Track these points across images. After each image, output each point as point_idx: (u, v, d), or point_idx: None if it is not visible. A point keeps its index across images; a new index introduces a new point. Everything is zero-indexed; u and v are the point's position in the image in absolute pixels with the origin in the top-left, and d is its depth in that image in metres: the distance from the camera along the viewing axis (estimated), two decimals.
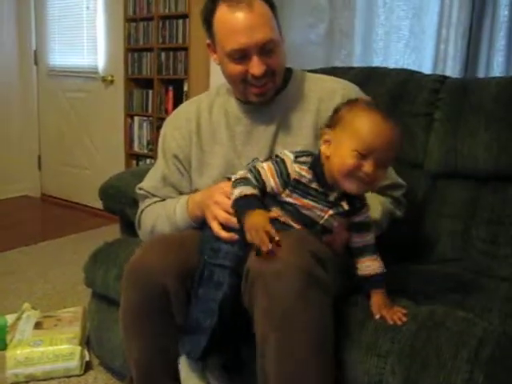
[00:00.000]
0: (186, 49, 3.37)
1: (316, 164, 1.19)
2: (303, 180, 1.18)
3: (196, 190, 1.48)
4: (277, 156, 1.24)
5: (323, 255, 1.13)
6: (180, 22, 3.37)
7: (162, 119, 3.58)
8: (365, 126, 1.13)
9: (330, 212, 1.20)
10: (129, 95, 3.79)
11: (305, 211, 1.20)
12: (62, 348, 1.84)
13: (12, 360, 1.80)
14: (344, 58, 2.70)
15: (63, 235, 3.55)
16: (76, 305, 2.30)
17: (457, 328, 1.09)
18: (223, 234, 1.22)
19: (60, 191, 4.55)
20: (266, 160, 1.27)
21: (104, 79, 4.02)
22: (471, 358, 1.02)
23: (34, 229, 3.91)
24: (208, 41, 1.44)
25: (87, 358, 1.89)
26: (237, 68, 1.34)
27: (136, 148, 3.82)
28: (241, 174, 1.23)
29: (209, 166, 1.48)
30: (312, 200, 1.19)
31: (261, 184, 1.19)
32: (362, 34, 2.70)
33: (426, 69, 2.47)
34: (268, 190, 1.20)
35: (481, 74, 2.35)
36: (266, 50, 1.31)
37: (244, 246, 1.16)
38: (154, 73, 3.58)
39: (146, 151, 3.77)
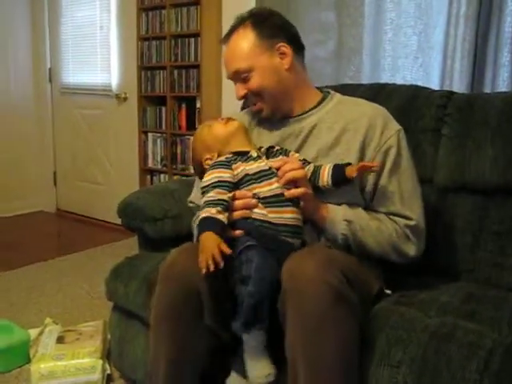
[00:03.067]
0: (197, 66, 3.45)
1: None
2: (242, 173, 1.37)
3: None
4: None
5: (351, 275, 1.19)
6: (192, 40, 3.46)
7: (176, 135, 3.67)
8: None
9: (264, 159, 1.40)
10: (142, 112, 3.87)
11: (264, 187, 1.35)
12: (83, 362, 1.90)
13: (36, 374, 1.86)
14: (353, 75, 2.74)
15: (79, 250, 3.62)
16: (95, 318, 2.36)
17: (467, 339, 1.13)
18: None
19: (75, 206, 4.63)
20: None
21: (118, 96, 4.11)
22: (480, 368, 1.06)
23: (50, 244, 3.99)
24: None
25: (108, 371, 1.94)
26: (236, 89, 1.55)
27: (150, 164, 3.89)
28: (205, 197, 1.33)
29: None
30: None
31: (225, 182, 1.34)
32: (370, 50, 2.74)
33: (434, 84, 2.50)
34: (232, 179, 1.36)
35: (487, 89, 2.38)
36: (242, 77, 1.50)
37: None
38: (166, 90, 3.66)
39: (159, 167, 3.84)
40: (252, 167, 1.37)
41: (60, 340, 2.01)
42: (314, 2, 2.89)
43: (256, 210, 1.33)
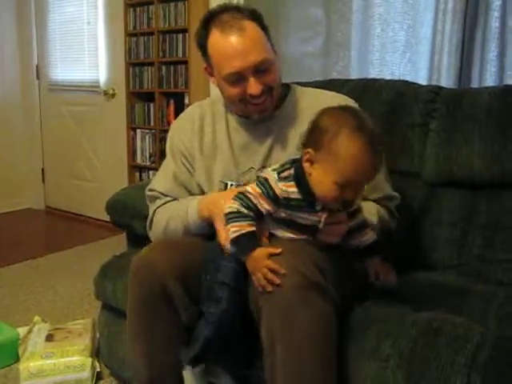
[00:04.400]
0: (185, 62, 3.44)
1: (299, 176, 1.20)
2: (292, 196, 1.20)
3: (203, 193, 1.54)
4: (258, 176, 1.27)
5: (323, 264, 1.18)
6: (180, 36, 3.44)
7: (165, 131, 3.65)
8: (349, 160, 1.11)
9: (325, 215, 1.22)
10: (131, 108, 3.85)
11: (301, 221, 1.23)
12: (73, 359, 1.89)
13: (25, 372, 1.85)
14: (341, 70, 2.75)
15: (69, 247, 3.60)
16: (84, 316, 2.36)
17: (455, 333, 1.13)
18: (228, 246, 1.26)
19: (64, 203, 4.60)
20: (250, 181, 1.34)
21: (106, 93, 4.08)
22: (468, 362, 1.06)
23: (39, 241, 3.97)
24: (205, 65, 1.50)
25: (98, 369, 1.94)
26: (235, 90, 1.40)
27: (139, 160, 3.88)
28: (231, 205, 1.23)
29: (208, 168, 1.53)
30: (305, 211, 1.21)
31: (254, 209, 1.21)
32: (358, 46, 2.76)
33: (422, 79, 2.52)
34: (264, 212, 1.22)
35: (474, 84, 2.39)
36: (261, 69, 1.37)
37: (242, 262, 1.22)
38: (155, 86, 3.65)
39: (148, 163, 3.83)
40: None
41: (49, 338, 2.01)
42: None
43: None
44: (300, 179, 1.20)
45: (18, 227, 4.21)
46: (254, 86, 1.37)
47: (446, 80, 2.43)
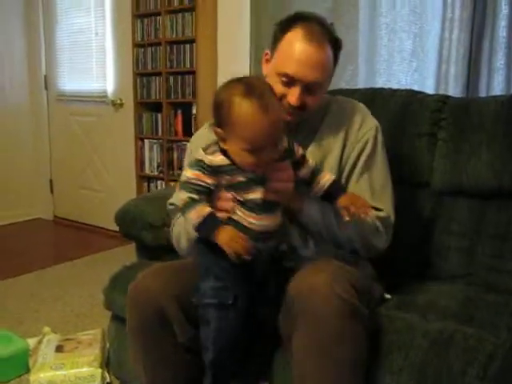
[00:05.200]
0: (193, 72, 3.46)
1: (225, 151, 1.25)
2: (222, 163, 1.24)
3: None
4: (190, 161, 1.31)
5: (358, 285, 1.19)
6: (187, 46, 3.47)
7: (172, 141, 3.67)
8: (245, 126, 1.17)
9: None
10: (138, 118, 3.87)
11: (244, 179, 1.24)
12: (83, 370, 1.90)
13: (36, 383, 1.85)
14: (349, 79, 2.75)
15: (77, 257, 3.61)
16: (94, 326, 2.36)
17: (466, 344, 1.13)
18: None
19: (72, 213, 4.62)
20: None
21: (113, 103, 4.11)
22: (480, 374, 1.07)
23: (48, 251, 3.99)
24: (267, 50, 1.48)
25: (108, 380, 1.94)
26: (279, 87, 1.38)
27: (147, 170, 3.90)
28: (181, 197, 1.26)
29: None
30: (241, 171, 1.24)
31: (202, 189, 1.24)
32: (365, 55, 2.76)
33: (429, 88, 2.52)
34: (211, 187, 1.25)
35: (482, 93, 2.39)
36: (310, 88, 1.37)
37: (222, 276, 1.25)
38: (162, 96, 3.67)
39: (156, 173, 3.84)
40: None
41: (59, 349, 2.01)
42: (308, 8, 2.89)
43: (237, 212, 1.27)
44: (225, 153, 1.25)
45: (27, 237, 4.23)
46: (295, 96, 1.36)
47: (454, 89, 2.43)
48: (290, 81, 1.36)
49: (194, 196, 1.23)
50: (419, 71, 2.62)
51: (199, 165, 1.24)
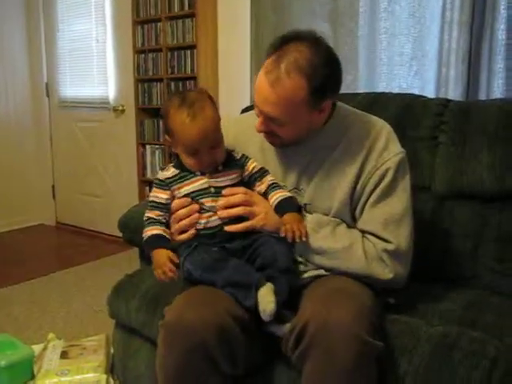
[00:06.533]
0: (194, 78, 3.47)
1: (178, 161, 1.45)
2: (171, 174, 1.44)
3: None
4: None
5: (377, 319, 1.21)
6: (188, 52, 3.48)
7: None
8: (179, 131, 1.35)
9: (204, 179, 1.41)
10: (140, 124, 3.88)
11: (194, 185, 1.42)
12: (88, 376, 1.90)
13: None
14: (350, 84, 2.76)
15: (80, 263, 3.62)
16: (98, 332, 2.36)
17: (470, 348, 1.14)
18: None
19: (75, 219, 4.63)
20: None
21: (115, 109, 4.12)
22: (484, 379, 1.07)
23: (51, 257, 3.99)
24: None
25: None
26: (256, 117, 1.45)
27: (149, 175, 3.90)
28: (146, 213, 1.46)
29: None
30: (188, 179, 1.42)
31: (160, 205, 1.45)
32: (365, 59, 2.77)
33: (429, 91, 2.53)
34: (165, 201, 1.44)
35: (482, 96, 2.40)
36: (273, 121, 1.36)
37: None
38: (163, 102, 3.67)
39: None
40: (193, 186, 1.43)
41: (64, 355, 2.02)
42: (308, 12, 2.91)
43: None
44: (179, 163, 1.45)
45: (30, 244, 4.24)
46: (258, 124, 1.42)
47: (454, 92, 2.43)
48: (256, 109, 1.42)
49: (151, 215, 1.44)
50: (419, 75, 2.62)
51: (156, 183, 1.47)
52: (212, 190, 1.41)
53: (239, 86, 3.34)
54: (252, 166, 1.47)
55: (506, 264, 1.63)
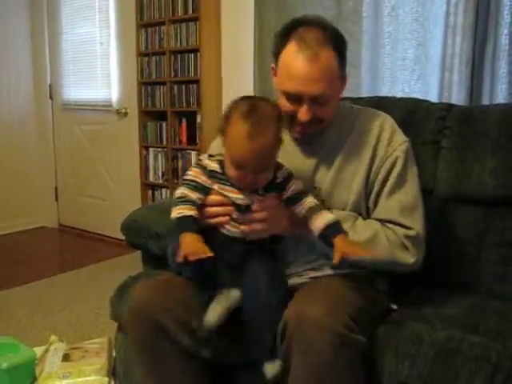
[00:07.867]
0: (197, 81, 3.48)
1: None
2: (214, 169, 1.35)
3: None
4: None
5: (361, 311, 1.22)
6: (191, 55, 3.49)
7: (177, 150, 3.69)
8: (232, 143, 1.26)
9: (241, 195, 1.33)
10: (143, 127, 3.89)
11: (228, 194, 1.33)
12: (90, 379, 1.89)
13: None
14: (352, 88, 2.75)
15: (83, 265, 3.63)
16: (100, 335, 2.36)
17: (472, 353, 1.14)
18: None
19: (77, 222, 4.64)
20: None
21: (118, 112, 4.13)
22: (487, 383, 1.07)
23: (53, 260, 4.01)
24: (273, 64, 1.47)
25: None
26: (287, 105, 1.38)
27: (151, 178, 3.91)
28: (181, 190, 1.34)
29: None
30: (228, 185, 1.33)
31: (200, 186, 1.34)
32: (368, 64, 2.78)
33: (432, 96, 2.52)
34: (208, 185, 1.35)
35: (485, 101, 2.40)
36: (319, 101, 1.36)
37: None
38: (167, 105, 3.69)
39: (161, 181, 3.86)
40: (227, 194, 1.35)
41: (66, 358, 2.01)
42: None
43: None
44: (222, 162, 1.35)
45: (32, 246, 4.25)
46: (304, 114, 1.36)
47: (457, 96, 2.43)
48: (294, 98, 1.36)
49: (188, 192, 1.33)
50: (422, 79, 2.62)
51: (201, 165, 1.37)
52: (243, 207, 1.34)
53: (243, 89, 3.34)
54: (291, 188, 1.37)
55: (508, 268, 1.63)
